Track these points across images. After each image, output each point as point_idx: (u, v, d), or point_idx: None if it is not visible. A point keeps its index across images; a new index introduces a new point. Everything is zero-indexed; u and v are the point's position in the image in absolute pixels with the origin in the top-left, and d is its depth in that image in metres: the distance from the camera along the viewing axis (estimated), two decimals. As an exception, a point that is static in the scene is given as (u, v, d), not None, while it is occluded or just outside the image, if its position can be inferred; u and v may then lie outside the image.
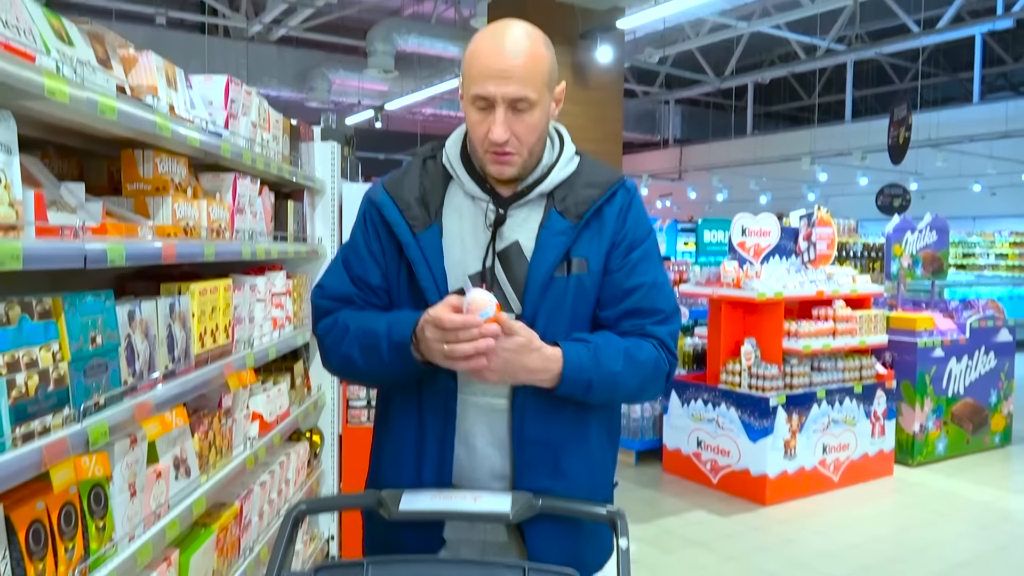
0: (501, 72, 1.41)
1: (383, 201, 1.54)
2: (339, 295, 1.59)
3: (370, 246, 1.57)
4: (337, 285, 1.60)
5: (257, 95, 2.67)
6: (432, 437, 1.53)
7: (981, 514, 4.77)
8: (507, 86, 1.41)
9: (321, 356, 1.63)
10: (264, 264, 2.94)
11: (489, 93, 1.42)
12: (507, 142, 1.44)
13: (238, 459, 2.39)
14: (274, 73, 14.93)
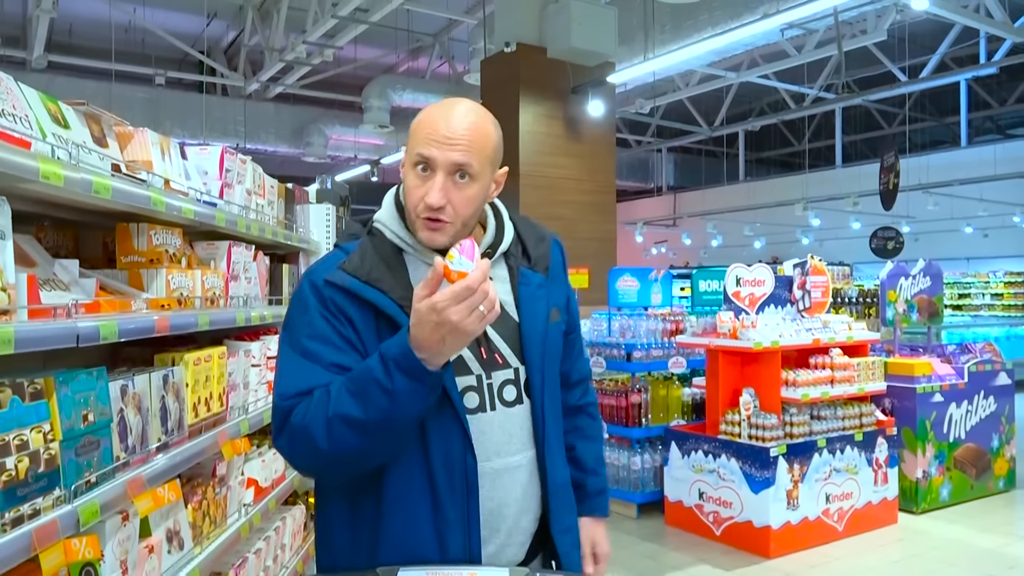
0: (447, 138, 1.41)
1: (359, 287, 1.42)
2: (307, 389, 1.38)
3: (344, 333, 1.41)
4: (305, 380, 1.38)
5: (252, 163, 2.71)
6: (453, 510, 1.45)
7: (988, 562, 4.70)
8: (451, 152, 1.41)
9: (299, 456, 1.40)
10: (259, 328, 2.95)
11: (432, 156, 1.41)
12: (443, 208, 1.41)
13: (233, 527, 2.36)
14: (271, 129, 15.14)
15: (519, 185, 8.76)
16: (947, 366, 6.14)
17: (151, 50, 13.37)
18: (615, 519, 5.59)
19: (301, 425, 1.34)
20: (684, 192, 23.74)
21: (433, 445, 1.43)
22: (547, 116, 9.03)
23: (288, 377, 1.40)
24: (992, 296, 17.65)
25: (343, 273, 1.43)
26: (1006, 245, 17.60)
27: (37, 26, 10.51)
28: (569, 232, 9.18)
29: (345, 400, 1.32)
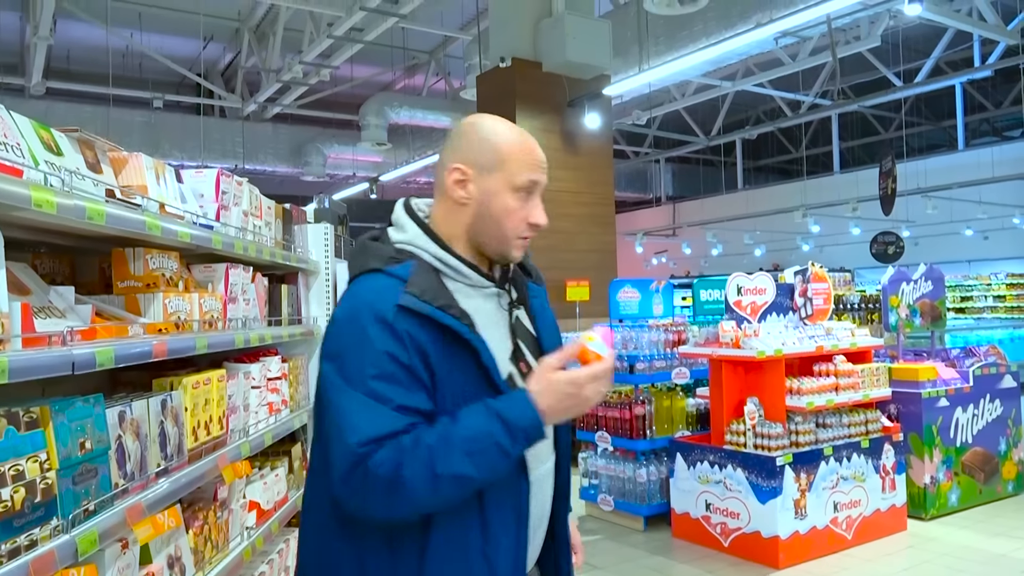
0: (542, 164, 1.52)
1: (435, 312, 1.37)
2: (384, 435, 1.30)
3: (412, 371, 1.35)
4: (379, 425, 1.31)
5: (248, 184, 2.71)
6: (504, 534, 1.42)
7: (999, 568, 4.66)
8: (545, 176, 1.54)
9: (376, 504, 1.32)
10: (259, 349, 2.94)
11: (540, 180, 1.51)
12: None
13: (235, 551, 2.34)
14: (269, 150, 15.21)
15: (518, 199, 8.76)
16: (952, 370, 6.11)
17: (148, 74, 13.45)
18: (621, 532, 5.55)
19: (392, 476, 1.28)
20: (683, 202, 23.77)
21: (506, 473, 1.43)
22: (544, 130, 9.05)
23: (359, 420, 1.31)
24: (994, 298, 17.61)
25: (415, 299, 1.37)
26: (1006, 247, 17.58)
27: (35, 53, 10.58)
28: (569, 244, 9.18)
29: (457, 459, 1.30)
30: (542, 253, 8.93)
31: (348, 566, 1.40)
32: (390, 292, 1.38)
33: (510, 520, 1.43)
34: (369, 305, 1.38)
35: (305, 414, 3.27)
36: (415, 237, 1.50)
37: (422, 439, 1.31)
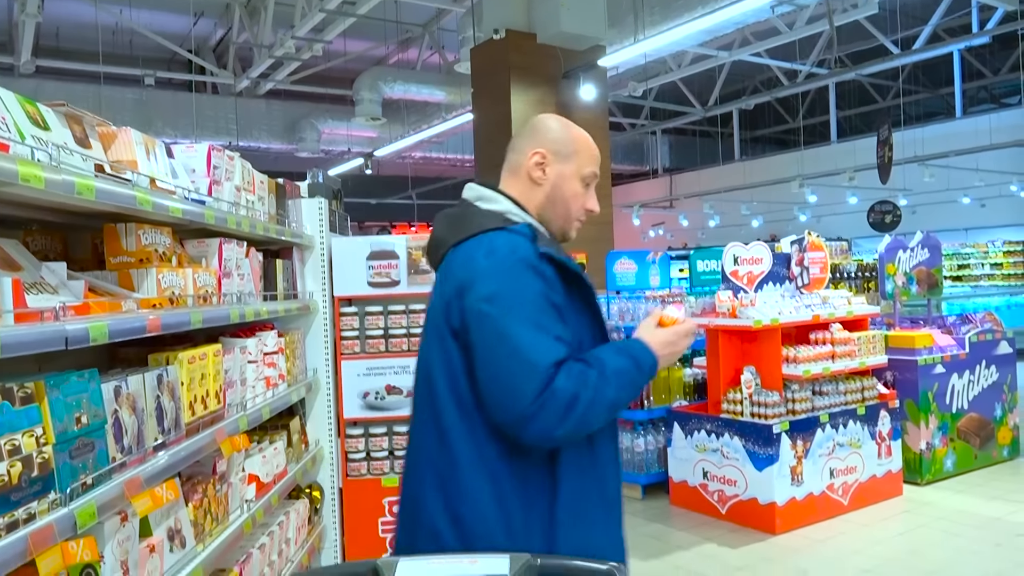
0: (599, 161, 1.80)
1: (567, 261, 1.63)
2: (560, 360, 1.51)
3: (556, 303, 1.57)
4: (552, 352, 1.50)
5: (240, 159, 2.70)
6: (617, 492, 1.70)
7: (994, 531, 4.71)
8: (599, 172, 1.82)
9: (559, 419, 1.48)
10: (255, 324, 2.94)
11: (597, 174, 1.79)
12: None
13: (235, 524, 2.36)
14: (263, 126, 15.10)
15: (513, 172, 8.73)
16: (948, 337, 6.14)
17: (139, 51, 13.32)
18: (621, 502, 5.60)
19: (570, 397, 1.48)
20: (680, 173, 23.68)
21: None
22: (539, 102, 8.99)
23: (538, 347, 1.50)
24: (991, 266, 17.63)
25: (551, 249, 1.60)
26: (1004, 214, 17.56)
27: (23, 31, 10.45)
28: (565, 218, 9.16)
29: (612, 389, 1.53)
30: (539, 226, 8.92)
31: (488, 496, 1.54)
32: (525, 244, 1.58)
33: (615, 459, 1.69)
34: (513, 253, 1.56)
35: (303, 388, 3.29)
36: (510, 208, 1.70)
37: (587, 367, 1.52)
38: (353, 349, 3.60)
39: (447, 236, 1.69)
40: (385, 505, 3.63)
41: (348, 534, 3.64)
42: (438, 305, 1.64)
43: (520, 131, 1.81)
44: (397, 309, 3.62)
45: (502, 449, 1.55)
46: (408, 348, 3.61)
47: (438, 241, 1.72)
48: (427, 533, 1.59)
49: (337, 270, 3.58)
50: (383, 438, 3.63)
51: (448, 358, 1.59)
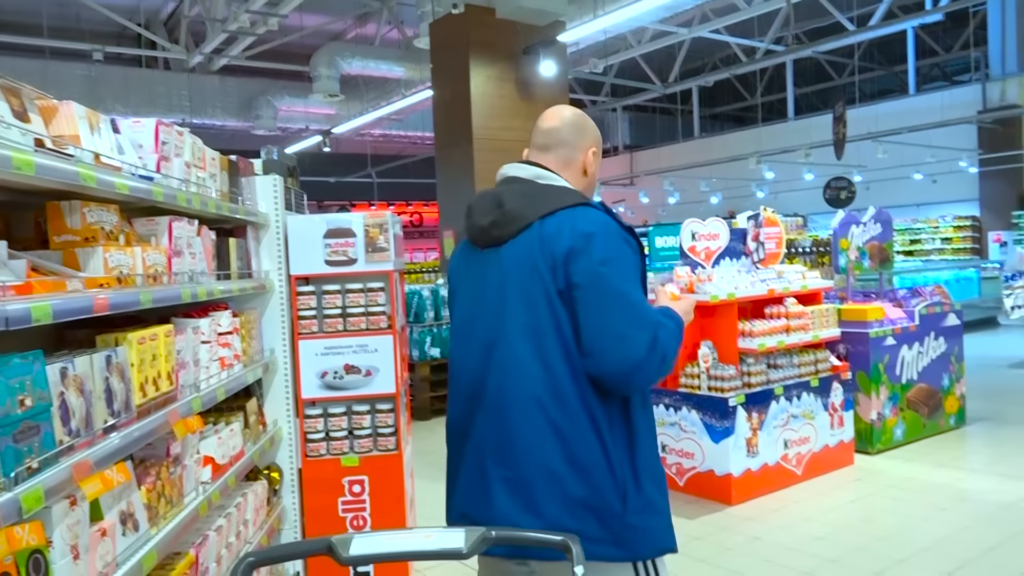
0: None
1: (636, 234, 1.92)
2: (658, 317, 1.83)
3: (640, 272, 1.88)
4: (653, 311, 1.83)
5: (190, 135, 2.64)
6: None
7: (941, 497, 4.87)
8: None
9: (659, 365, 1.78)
10: (208, 304, 2.89)
11: None
12: None
13: (190, 506, 2.34)
14: (218, 103, 14.79)
15: (473, 150, 8.69)
16: (899, 310, 6.29)
17: (86, 24, 12.91)
18: (582, 476, 5.67)
19: (663, 349, 1.77)
20: (640, 151, 23.79)
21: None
22: (499, 78, 8.93)
23: (644, 306, 1.79)
24: (942, 240, 18.08)
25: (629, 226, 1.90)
26: (954, 190, 17.99)
27: (-38, 3, 10.06)
28: (526, 195, 9.15)
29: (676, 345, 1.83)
30: (499, 204, 8.90)
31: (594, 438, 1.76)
32: (611, 219, 1.85)
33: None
34: (609, 226, 1.82)
35: (260, 368, 3.25)
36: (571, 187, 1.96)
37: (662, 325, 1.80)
38: (311, 328, 3.57)
39: (527, 211, 1.84)
40: (345, 485, 3.62)
41: (308, 515, 3.63)
42: (537, 268, 1.79)
43: (559, 124, 1.98)
44: (355, 287, 3.59)
45: (599, 396, 1.77)
46: (367, 327, 3.58)
47: (515, 215, 1.84)
48: (545, 476, 1.75)
49: (293, 249, 3.53)
50: (342, 418, 3.62)
51: (556, 316, 1.77)
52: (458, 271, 2.01)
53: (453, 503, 1.95)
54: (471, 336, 1.91)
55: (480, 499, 1.83)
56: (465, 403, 1.90)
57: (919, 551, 4.05)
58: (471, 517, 1.84)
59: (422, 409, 8.02)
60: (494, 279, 1.86)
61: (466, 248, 2.00)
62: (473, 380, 1.87)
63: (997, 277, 13.10)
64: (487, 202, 1.91)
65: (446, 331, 8.14)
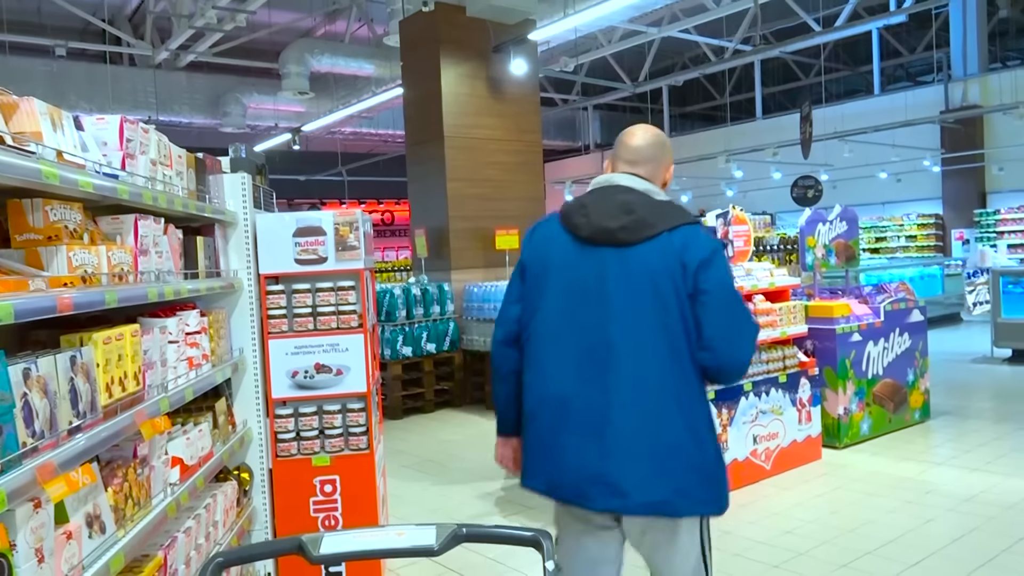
0: None
1: None
2: None
3: None
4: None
5: (156, 132, 2.60)
6: None
7: (906, 489, 4.96)
8: None
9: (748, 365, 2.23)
10: (176, 303, 2.86)
11: None
12: None
13: (158, 508, 2.31)
14: (185, 100, 14.59)
15: (444, 148, 8.67)
16: (864, 306, 6.39)
17: (48, 19, 12.66)
18: (554, 474, 5.69)
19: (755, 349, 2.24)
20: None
21: None
22: (469, 76, 8.92)
23: (752, 317, 2.26)
24: (906, 238, 18.40)
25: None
26: (918, 189, 18.32)
27: (-81, -4, 9.82)
28: (497, 193, 9.16)
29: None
30: (471, 202, 8.89)
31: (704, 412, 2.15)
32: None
33: None
34: (720, 245, 2.19)
35: (229, 368, 3.22)
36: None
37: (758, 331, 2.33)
38: (280, 328, 3.54)
39: (657, 221, 2.12)
40: (316, 485, 3.60)
41: (279, 515, 3.60)
42: (671, 271, 2.08)
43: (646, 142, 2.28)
44: (325, 286, 3.57)
45: (701, 379, 2.14)
46: (337, 326, 3.56)
47: (646, 223, 2.11)
48: (674, 445, 2.06)
49: (262, 247, 3.50)
50: (313, 417, 3.59)
51: (683, 313, 2.08)
52: (553, 258, 2.20)
53: (553, 468, 2.13)
54: (582, 318, 2.12)
55: (600, 465, 2.05)
56: (578, 378, 2.10)
57: (886, 543, 4.12)
58: (579, 482, 2.07)
59: (394, 408, 7.99)
60: (615, 273, 2.11)
61: (563, 239, 2.19)
62: (590, 358, 2.10)
63: (960, 274, 13.38)
64: (611, 206, 2.15)
65: (419, 330, 8.12)
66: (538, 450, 2.16)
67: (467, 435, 7.21)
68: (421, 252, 9.03)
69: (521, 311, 2.26)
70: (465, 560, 4.12)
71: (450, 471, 5.99)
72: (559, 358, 2.14)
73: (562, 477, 2.10)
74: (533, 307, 2.22)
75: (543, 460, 2.15)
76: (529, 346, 2.22)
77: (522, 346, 2.25)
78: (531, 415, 2.19)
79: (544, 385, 2.16)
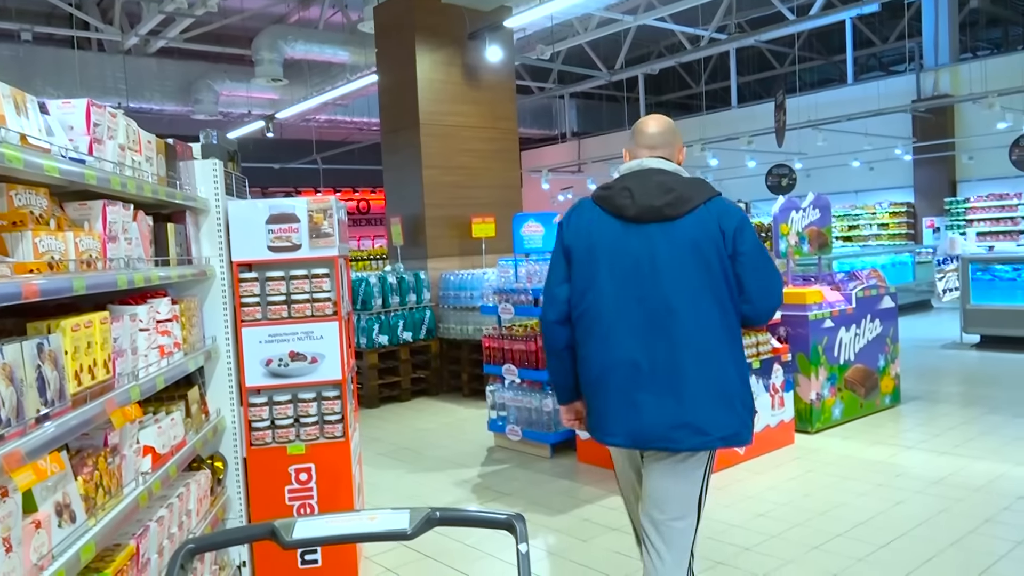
0: None
1: None
2: None
3: None
4: None
5: (124, 117, 2.56)
6: None
7: (877, 473, 5.05)
8: None
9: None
10: (146, 291, 2.82)
11: None
12: None
13: (130, 497, 2.29)
14: (155, 87, 14.36)
15: (419, 135, 8.62)
16: (837, 293, 6.47)
17: (13, 2, 12.37)
18: (530, 460, 5.72)
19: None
20: (588, 138, 23.91)
21: None
22: (445, 63, 8.87)
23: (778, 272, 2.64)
24: (879, 226, 18.62)
25: None
26: (890, 177, 18.53)
27: None
28: (473, 180, 9.13)
29: None
30: (447, 190, 8.86)
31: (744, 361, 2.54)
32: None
33: None
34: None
35: (201, 356, 3.19)
36: None
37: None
38: (254, 316, 3.51)
39: (695, 196, 2.45)
40: (291, 473, 3.58)
41: (254, 504, 3.59)
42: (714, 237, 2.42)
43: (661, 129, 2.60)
44: (299, 274, 3.54)
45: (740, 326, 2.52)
46: (312, 314, 3.54)
47: (687, 198, 2.44)
48: (731, 390, 2.43)
49: (235, 234, 3.46)
50: (287, 405, 3.57)
51: (725, 272, 2.42)
52: (600, 239, 2.49)
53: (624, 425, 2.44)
54: (638, 289, 2.43)
55: (681, 413, 2.38)
56: (645, 343, 2.41)
57: (857, 524, 4.19)
58: (663, 430, 2.39)
59: (370, 397, 7.97)
60: (663, 245, 2.41)
61: (607, 221, 2.49)
62: (653, 324, 2.41)
63: (930, 261, 13.57)
64: (651, 187, 2.46)
65: (395, 318, 8.10)
66: (614, 410, 2.45)
67: (444, 423, 7.21)
68: (397, 240, 8.99)
69: (570, 291, 2.53)
70: (441, 546, 4.13)
71: (426, 459, 6.00)
72: (623, 327, 2.43)
73: (643, 429, 2.41)
74: (585, 285, 2.49)
75: (620, 418, 2.44)
76: (585, 320, 2.49)
77: (574, 323, 2.53)
78: (598, 381, 2.48)
79: (610, 353, 2.44)
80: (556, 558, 4.00)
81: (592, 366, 2.49)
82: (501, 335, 6.01)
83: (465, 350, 8.20)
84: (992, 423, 6.10)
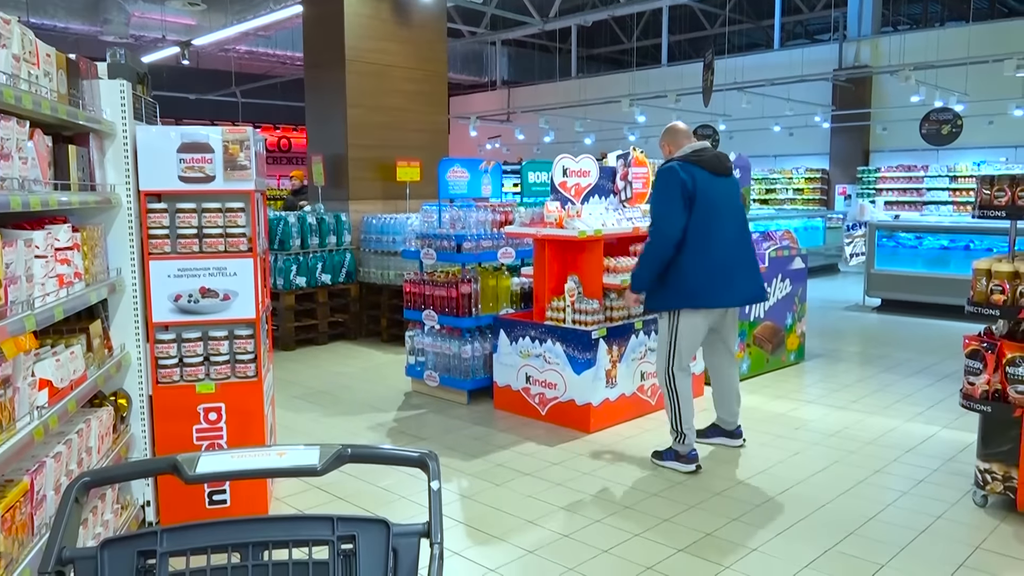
0: None
1: None
2: None
3: None
4: None
5: (19, 24, 2.36)
6: None
7: (779, 424, 5.28)
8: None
9: None
10: (44, 216, 2.66)
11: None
12: None
13: (23, 431, 2.18)
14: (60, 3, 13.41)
15: (345, 72, 8.35)
16: (751, 252, 6.65)
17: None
18: (446, 406, 5.74)
19: None
20: (518, 87, 23.69)
21: None
22: (373, 0, 8.56)
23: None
24: (794, 191, 19.22)
25: None
26: (808, 144, 19.08)
27: None
28: (399, 123, 8.94)
29: None
30: (372, 131, 8.65)
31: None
32: None
33: None
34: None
35: (105, 288, 3.04)
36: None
37: None
38: (163, 248, 3.36)
39: (728, 162, 4.41)
40: (200, 412, 3.49)
41: (159, 443, 3.48)
42: (738, 188, 4.50)
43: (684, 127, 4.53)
44: (212, 207, 3.40)
45: None
46: (225, 249, 3.41)
47: (729, 163, 4.42)
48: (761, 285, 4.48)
49: (143, 162, 3.28)
50: (197, 343, 3.46)
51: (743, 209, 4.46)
52: (702, 185, 4.18)
53: (734, 294, 4.36)
54: (728, 215, 4.31)
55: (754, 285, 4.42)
56: (733, 248, 4.30)
57: (756, 473, 4.38)
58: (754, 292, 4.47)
59: (286, 339, 7.83)
60: (727, 191, 4.36)
61: (703, 174, 4.22)
62: (734, 237, 4.31)
63: (840, 227, 14.11)
64: (714, 156, 4.33)
65: (313, 260, 7.93)
66: (719, 287, 4.23)
67: (361, 367, 7.15)
68: (318, 180, 8.75)
69: (688, 220, 4.15)
70: (355, 488, 4.13)
71: (342, 403, 5.95)
72: (721, 240, 4.23)
73: (735, 296, 4.34)
74: (706, 214, 4.17)
75: (721, 291, 4.26)
76: (697, 236, 4.15)
77: (697, 236, 4.16)
78: (711, 272, 4.19)
79: (716, 255, 4.20)
80: (468, 501, 4.05)
81: (703, 263, 4.15)
82: (422, 280, 5.95)
83: (385, 295, 8.11)
84: (887, 381, 6.45)
